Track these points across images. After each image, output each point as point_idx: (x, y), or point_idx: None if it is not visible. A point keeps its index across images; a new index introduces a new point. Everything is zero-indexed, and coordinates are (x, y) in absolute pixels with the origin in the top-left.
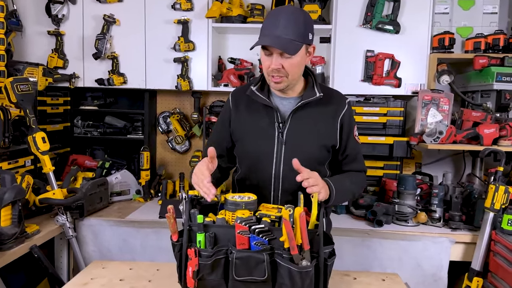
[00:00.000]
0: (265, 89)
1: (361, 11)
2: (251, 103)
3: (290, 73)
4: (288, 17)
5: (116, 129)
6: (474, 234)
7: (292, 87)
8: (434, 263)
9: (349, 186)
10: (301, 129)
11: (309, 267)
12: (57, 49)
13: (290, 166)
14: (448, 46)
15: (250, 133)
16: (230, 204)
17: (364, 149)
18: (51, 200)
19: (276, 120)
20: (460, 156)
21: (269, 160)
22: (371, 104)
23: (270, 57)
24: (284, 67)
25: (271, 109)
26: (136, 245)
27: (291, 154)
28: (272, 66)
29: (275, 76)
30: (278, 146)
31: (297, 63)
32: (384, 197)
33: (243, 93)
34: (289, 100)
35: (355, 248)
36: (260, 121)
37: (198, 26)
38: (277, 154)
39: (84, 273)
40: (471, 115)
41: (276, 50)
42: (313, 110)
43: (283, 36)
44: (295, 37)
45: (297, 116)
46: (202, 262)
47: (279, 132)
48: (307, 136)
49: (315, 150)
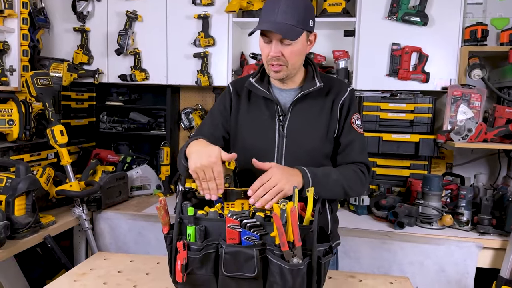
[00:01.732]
0: (264, 81)
1: (387, 2)
2: (251, 95)
3: (290, 61)
4: (287, 2)
5: (140, 125)
6: (504, 240)
7: (292, 77)
8: (460, 270)
9: (336, 176)
10: (302, 121)
11: (301, 264)
12: (82, 45)
13: (293, 160)
14: (481, 39)
15: (250, 127)
16: (231, 193)
17: (388, 147)
18: (67, 191)
19: (276, 113)
20: (495, 156)
21: (270, 155)
22: (397, 100)
23: (269, 45)
24: (283, 54)
25: (271, 102)
26: (151, 238)
27: (292, 147)
28: (271, 53)
29: (275, 65)
30: (279, 139)
31: (297, 51)
32: (410, 198)
33: (243, 85)
34: (289, 92)
35: (374, 250)
36: (260, 114)
37: (219, 21)
38: (278, 148)
39: (85, 264)
40: (505, 112)
41: (276, 37)
42: (314, 101)
43: (282, 22)
44: (295, 22)
45: (297, 108)
46: (191, 256)
47: (280, 126)
48: (308, 129)
49: (317, 142)
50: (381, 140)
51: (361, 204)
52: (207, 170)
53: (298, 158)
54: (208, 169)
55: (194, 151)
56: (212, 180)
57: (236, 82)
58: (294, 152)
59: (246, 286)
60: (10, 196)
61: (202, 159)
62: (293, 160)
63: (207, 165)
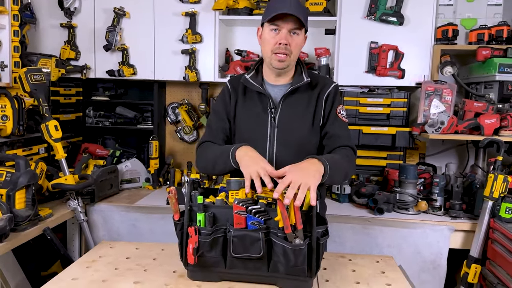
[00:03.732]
0: (258, 77)
1: (366, 3)
2: (246, 91)
3: (294, 51)
4: (296, 1)
5: (126, 119)
6: (474, 223)
7: (289, 70)
8: (434, 251)
9: (339, 160)
10: (292, 113)
11: (302, 245)
12: (70, 41)
13: (283, 148)
14: (452, 38)
15: (245, 118)
16: (234, 183)
17: (367, 139)
18: (63, 185)
19: (268, 106)
20: (464, 147)
21: (263, 144)
22: (375, 95)
23: (277, 35)
24: (290, 44)
25: (264, 96)
26: (144, 229)
27: (283, 137)
28: (282, 40)
29: (281, 53)
30: (271, 130)
31: (300, 43)
32: (387, 187)
33: (239, 81)
34: (279, 87)
35: (356, 234)
36: (254, 107)
37: (205, 18)
38: (270, 137)
39: (92, 252)
40: (473, 106)
41: (287, 26)
42: (303, 95)
43: (296, 12)
44: (302, 17)
45: (287, 101)
46: (201, 240)
47: (272, 117)
48: (297, 120)
49: (305, 132)
50: (361, 133)
51: (343, 192)
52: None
53: (288, 146)
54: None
55: (247, 155)
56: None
57: (232, 80)
58: (284, 141)
59: (252, 266)
60: (11, 190)
61: (258, 161)
62: (283, 148)
63: (263, 165)
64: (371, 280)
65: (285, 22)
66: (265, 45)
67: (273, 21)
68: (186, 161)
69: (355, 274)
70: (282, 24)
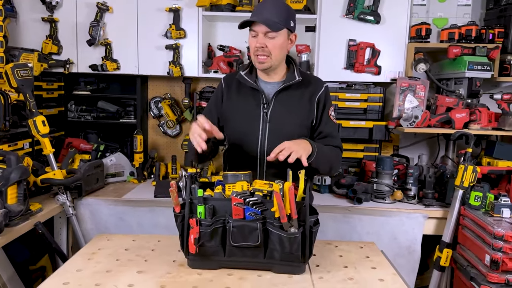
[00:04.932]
0: (252, 74)
1: (344, 2)
2: (241, 86)
3: (273, 53)
4: (272, 4)
5: (109, 114)
6: (445, 210)
7: (275, 69)
8: (409, 237)
9: (327, 151)
10: (283, 109)
11: (297, 233)
12: (51, 35)
13: (274, 142)
14: (425, 36)
15: (239, 112)
16: (231, 176)
17: (346, 133)
18: (52, 180)
19: (261, 101)
20: (434, 139)
21: (255, 137)
22: (352, 90)
23: (256, 38)
24: (267, 46)
25: (257, 92)
26: (132, 222)
27: (274, 131)
28: (257, 44)
29: (260, 56)
30: (263, 124)
31: (279, 44)
32: (364, 177)
33: (234, 78)
34: (272, 84)
35: (336, 223)
36: (248, 102)
37: (189, 14)
38: (262, 131)
39: (91, 245)
40: (445, 101)
41: (261, 30)
42: (294, 92)
43: (267, 17)
44: (277, 19)
45: (279, 97)
46: (202, 230)
47: (264, 112)
48: (288, 115)
49: (296, 127)
50: (340, 127)
51: (323, 183)
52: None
53: (278, 140)
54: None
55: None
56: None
57: (227, 77)
58: (275, 134)
59: (250, 253)
60: (3, 185)
61: (193, 129)
62: (274, 141)
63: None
64: (358, 264)
65: (259, 26)
66: (250, 48)
67: (251, 26)
68: (170, 155)
69: (343, 259)
70: (258, 28)
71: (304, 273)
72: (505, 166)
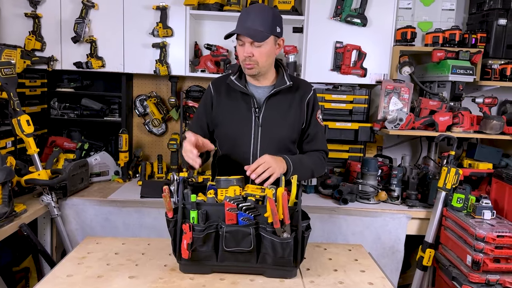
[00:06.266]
0: (242, 78)
1: (332, 4)
2: (231, 91)
3: (260, 60)
4: (257, 12)
5: (93, 111)
6: (428, 211)
7: (264, 74)
8: (392, 237)
9: (307, 162)
10: (275, 113)
11: (289, 238)
12: (35, 31)
13: (266, 146)
14: (410, 40)
15: (230, 117)
16: (223, 181)
17: (332, 134)
18: (37, 180)
19: (253, 105)
20: (417, 140)
21: (247, 141)
22: (339, 92)
23: (243, 47)
24: (254, 55)
25: (248, 96)
26: (118, 223)
27: (266, 135)
28: (244, 54)
29: (247, 64)
30: (255, 128)
31: (266, 52)
32: (349, 178)
33: (223, 82)
34: (263, 89)
35: (322, 223)
36: (239, 106)
37: (176, 12)
38: (254, 135)
39: (80, 248)
40: (428, 104)
41: (247, 40)
42: (284, 96)
43: (251, 27)
44: (262, 28)
45: (270, 102)
46: (195, 236)
47: (256, 116)
48: (280, 119)
49: (287, 131)
50: (327, 128)
51: (310, 184)
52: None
53: (270, 143)
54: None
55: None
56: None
57: (215, 82)
58: (267, 138)
59: (243, 258)
60: None
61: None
62: (266, 145)
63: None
64: (347, 268)
65: (245, 37)
66: (238, 56)
67: (237, 35)
68: (155, 153)
69: (332, 262)
70: (243, 38)
71: (296, 277)
72: (486, 168)
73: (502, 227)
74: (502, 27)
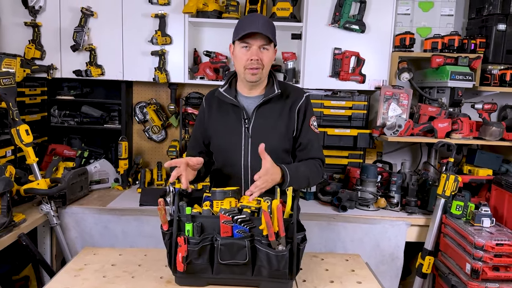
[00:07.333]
0: (232, 89)
1: (330, 11)
2: (221, 103)
3: (265, 65)
4: (264, 20)
5: (93, 119)
6: (427, 218)
7: (261, 82)
8: (392, 244)
9: (303, 171)
10: (264, 123)
11: (285, 251)
12: (34, 40)
13: (257, 157)
14: (409, 46)
15: (221, 130)
16: (219, 193)
17: (331, 141)
18: (36, 190)
19: (242, 117)
20: (417, 146)
21: (238, 153)
22: (337, 98)
23: (248, 51)
24: (261, 59)
25: (238, 108)
26: (117, 231)
27: (257, 146)
28: (253, 57)
29: (254, 68)
30: (245, 140)
31: (270, 57)
32: (349, 184)
33: (214, 95)
34: (253, 99)
35: (321, 231)
36: (229, 118)
37: (175, 20)
38: (245, 147)
39: (77, 259)
40: (427, 110)
41: (257, 43)
42: (275, 105)
43: (263, 30)
44: (270, 34)
45: (260, 112)
46: (190, 249)
47: (245, 127)
48: (270, 129)
49: (278, 141)
50: (326, 134)
51: (309, 190)
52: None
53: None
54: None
55: None
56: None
57: (208, 97)
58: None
59: (238, 271)
60: None
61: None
62: (256, 156)
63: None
64: (344, 279)
65: (254, 39)
66: (238, 61)
67: (243, 39)
68: (155, 160)
69: (329, 273)
70: (252, 41)
71: None
72: (485, 175)
73: (501, 235)
74: (502, 32)
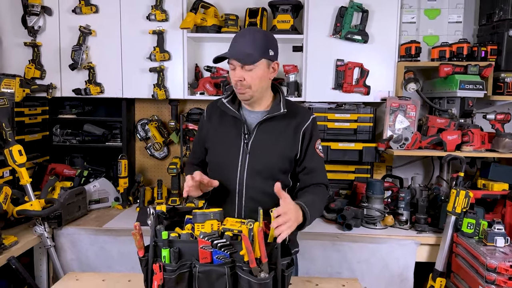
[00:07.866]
0: (236, 102)
1: (331, 21)
2: (223, 114)
3: (252, 84)
4: (249, 36)
5: (94, 137)
6: (438, 236)
7: (258, 99)
8: (401, 265)
9: (319, 205)
10: (265, 140)
11: (267, 278)
12: (34, 60)
13: (254, 174)
14: (415, 55)
15: (219, 142)
16: (199, 215)
17: (335, 155)
18: (28, 211)
19: (242, 131)
20: (429, 159)
21: (234, 168)
22: (342, 110)
23: (235, 71)
24: (245, 79)
25: (239, 121)
26: (113, 252)
27: (253, 163)
28: (234, 78)
29: (239, 88)
30: (243, 155)
31: (258, 76)
32: (356, 201)
33: (216, 105)
34: (256, 114)
35: (325, 251)
36: (229, 131)
37: (174, 36)
38: (242, 162)
39: (58, 286)
40: (436, 121)
41: (237, 63)
42: (278, 123)
43: (241, 50)
44: (252, 51)
45: (262, 128)
46: (167, 276)
47: (245, 143)
48: (270, 147)
49: (277, 160)
50: (329, 149)
51: None
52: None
53: (258, 172)
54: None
55: None
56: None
57: (209, 106)
58: (255, 167)
59: None
60: None
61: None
62: (253, 173)
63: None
64: None
65: (237, 60)
66: (231, 79)
67: (229, 60)
68: (157, 177)
69: None
70: (234, 62)
71: None
72: (500, 189)
73: None
74: None
